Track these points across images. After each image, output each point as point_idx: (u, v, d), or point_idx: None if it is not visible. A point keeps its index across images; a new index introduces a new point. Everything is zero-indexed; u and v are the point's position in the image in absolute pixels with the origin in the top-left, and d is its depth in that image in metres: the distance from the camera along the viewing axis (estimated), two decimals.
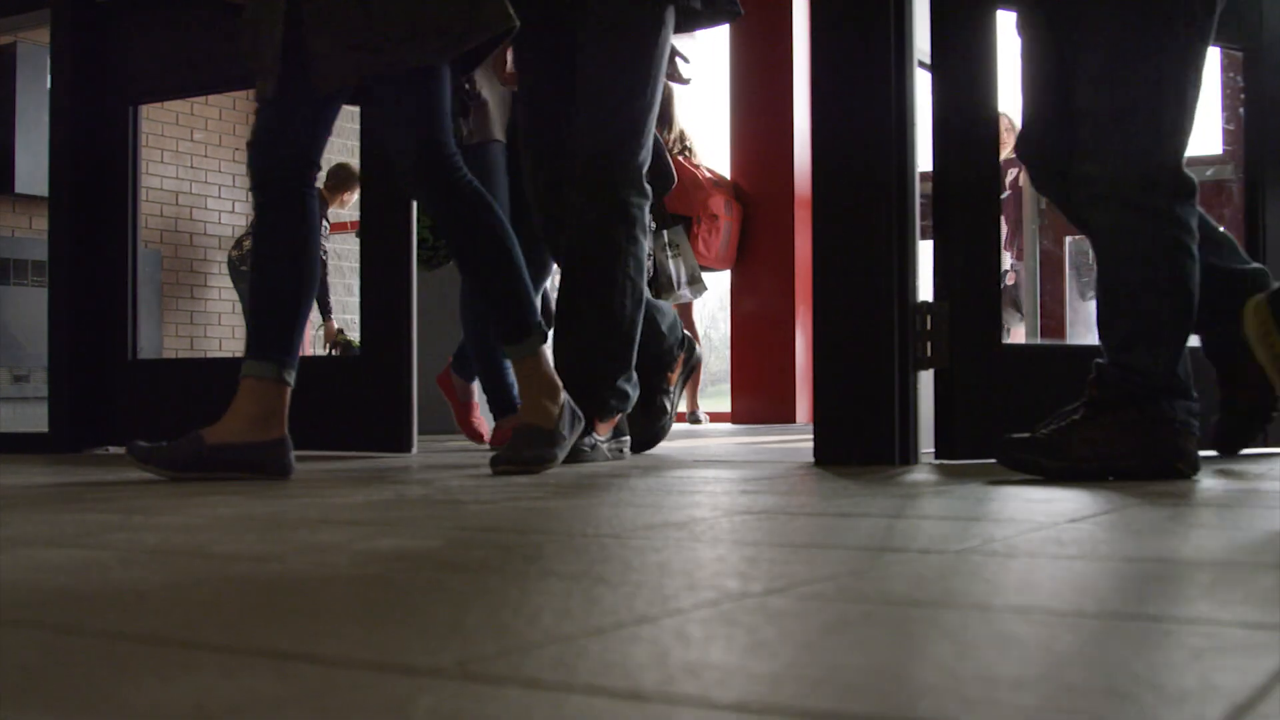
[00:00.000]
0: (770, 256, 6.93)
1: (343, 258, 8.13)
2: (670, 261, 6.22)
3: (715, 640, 0.74)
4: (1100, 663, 0.66)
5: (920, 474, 2.27)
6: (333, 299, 7.41)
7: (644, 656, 0.69)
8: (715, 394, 10.67)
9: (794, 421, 6.66)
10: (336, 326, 7.18)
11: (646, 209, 2.84)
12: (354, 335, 5.97)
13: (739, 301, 7.17)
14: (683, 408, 6.95)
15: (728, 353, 7.71)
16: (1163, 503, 1.64)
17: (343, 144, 8.08)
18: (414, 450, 3.17)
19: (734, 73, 7.27)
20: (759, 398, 7.00)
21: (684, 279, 6.33)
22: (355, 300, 3.69)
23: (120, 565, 1.12)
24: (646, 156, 2.79)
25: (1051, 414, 2.18)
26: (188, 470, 2.25)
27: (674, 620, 0.80)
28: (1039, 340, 4.45)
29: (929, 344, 2.57)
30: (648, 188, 2.81)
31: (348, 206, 7.18)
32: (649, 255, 4.83)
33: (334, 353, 6.94)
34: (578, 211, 2.78)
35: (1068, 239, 4.94)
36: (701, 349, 3.10)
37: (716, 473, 2.36)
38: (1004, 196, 2.78)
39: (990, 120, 2.63)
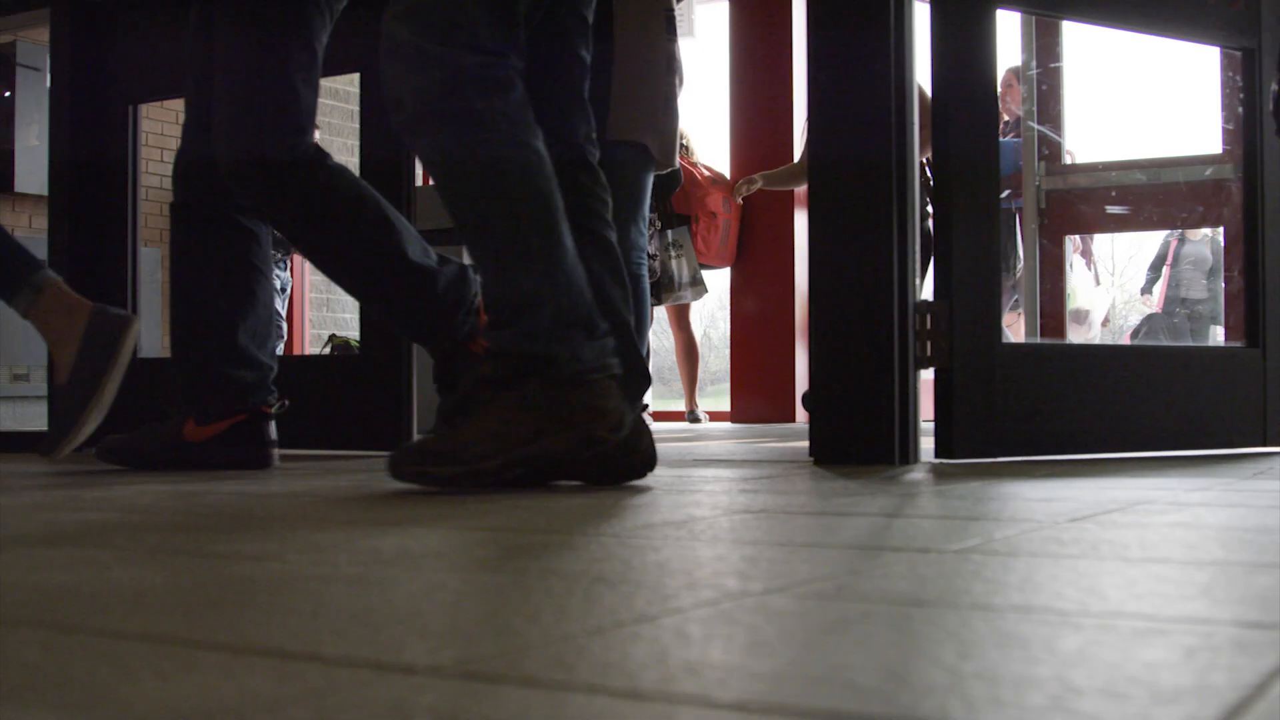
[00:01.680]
0: (770, 254, 6.93)
1: None
2: (673, 261, 6.21)
3: (715, 639, 0.74)
4: (1099, 662, 0.66)
5: (919, 473, 2.27)
6: (332, 298, 7.39)
7: (644, 655, 0.69)
8: (715, 393, 10.68)
9: (794, 421, 6.65)
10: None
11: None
12: (352, 335, 5.98)
13: (739, 300, 7.17)
14: (682, 406, 6.95)
15: (727, 352, 7.71)
16: (1160, 503, 1.64)
17: (342, 143, 8.07)
18: None
19: (733, 70, 7.26)
20: (758, 397, 7.00)
21: (685, 279, 6.33)
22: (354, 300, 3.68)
23: (120, 565, 1.12)
24: (310, 130, 2.44)
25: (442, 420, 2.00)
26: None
27: (674, 619, 0.80)
28: (1039, 340, 4.45)
29: (929, 344, 2.57)
30: (316, 150, 2.44)
31: None
32: (654, 256, 4.83)
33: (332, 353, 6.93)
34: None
35: (1067, 238, 4.95)
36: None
37: (715, 472, 2.36)
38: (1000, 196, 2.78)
39: (990, 120, 2.63)
